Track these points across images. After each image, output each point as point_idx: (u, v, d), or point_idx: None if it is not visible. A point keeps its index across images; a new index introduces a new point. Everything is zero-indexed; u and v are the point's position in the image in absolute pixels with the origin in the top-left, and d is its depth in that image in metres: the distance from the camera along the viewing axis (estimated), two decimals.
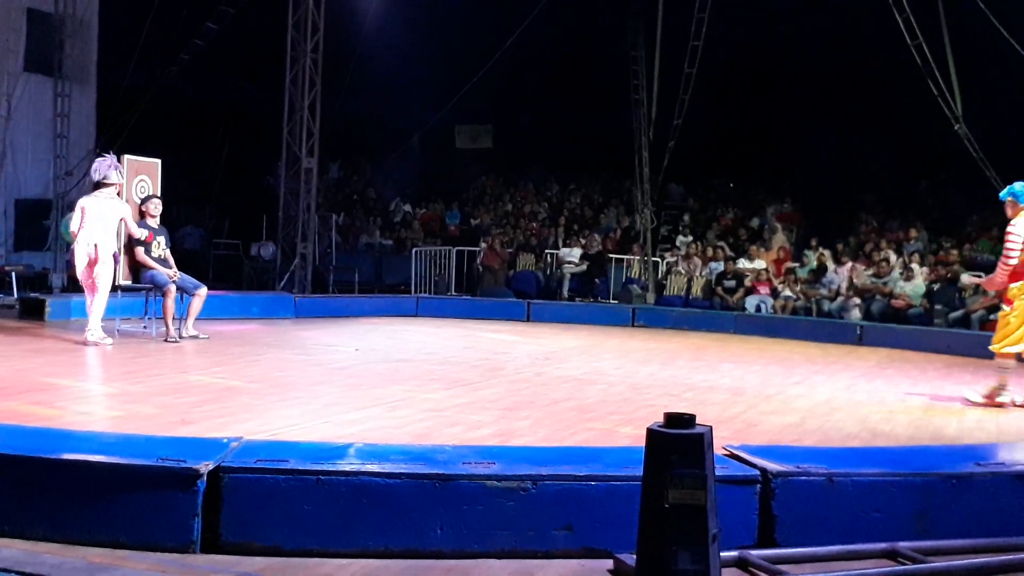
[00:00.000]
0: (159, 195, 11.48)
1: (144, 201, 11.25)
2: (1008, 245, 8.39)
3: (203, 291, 11.51)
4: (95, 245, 10.33)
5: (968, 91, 15.56)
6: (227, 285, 16.96)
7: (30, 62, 17.24)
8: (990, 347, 8.64)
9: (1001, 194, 8.72)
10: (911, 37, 15.23)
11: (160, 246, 11.18)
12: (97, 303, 10.42)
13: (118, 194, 10.75)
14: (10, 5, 16.83)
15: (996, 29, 14.40)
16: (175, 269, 11.27)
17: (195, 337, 11.25)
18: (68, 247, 12.89)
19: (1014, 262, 8.34)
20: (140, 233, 10.89)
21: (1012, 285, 8.43)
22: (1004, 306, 8.58)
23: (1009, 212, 8.61)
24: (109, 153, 10.97)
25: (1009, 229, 8.43)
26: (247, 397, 7.56)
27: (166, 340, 10.95)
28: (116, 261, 10.68)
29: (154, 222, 11.25)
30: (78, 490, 4.15)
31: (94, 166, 10.83)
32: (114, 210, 10.54)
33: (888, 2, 15.13)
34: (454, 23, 21.72)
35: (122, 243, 10.94)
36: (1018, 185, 8.59)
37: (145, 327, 11.37)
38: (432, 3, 20.43)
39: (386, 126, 23.73)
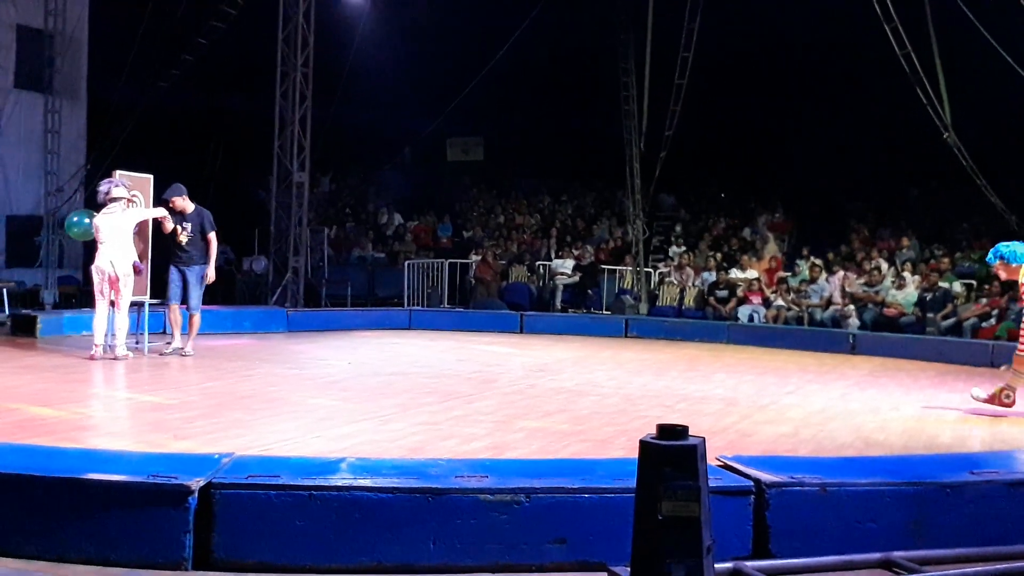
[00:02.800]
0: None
1: (170, 198, 11.34)
2: None
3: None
4: (110, 262, 10.45)
5: (957, 100, 15.62)
6: (219, 300, 16.91)
7: (20, 79, 17.24)
8: None
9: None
10: (900, 46, 15.28)
11: (186, 231, 11.24)
12: (121, 320, 10.61)
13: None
14: (0, 22, 16.82)
15: (985, 38, 14.46)
16: (212, 269, 11.40)
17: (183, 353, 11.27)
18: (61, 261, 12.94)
19: None
20: (160, 212, 11.08)
21: None
22: None
23: (1003, 274, 8.55)
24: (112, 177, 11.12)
25: None
26: (239, 412, 7.54)
27: (172, 351, 11.11)
28: (138, 272, 10.77)
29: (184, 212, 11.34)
30: (69, 508, 4.12)
31: (100, 188, 10.88)
32: (126, 221, 10.65)
33: (877, 12, 15.19)
34: (445, 36, 21.77)
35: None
36: (1001, 247, 8.48)
37: (137, 343, 11.34)
38: (423, 16, 20.47)
39: (377, 139, 23.76)
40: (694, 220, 22.17)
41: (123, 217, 10.62)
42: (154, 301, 11.64)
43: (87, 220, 11.00)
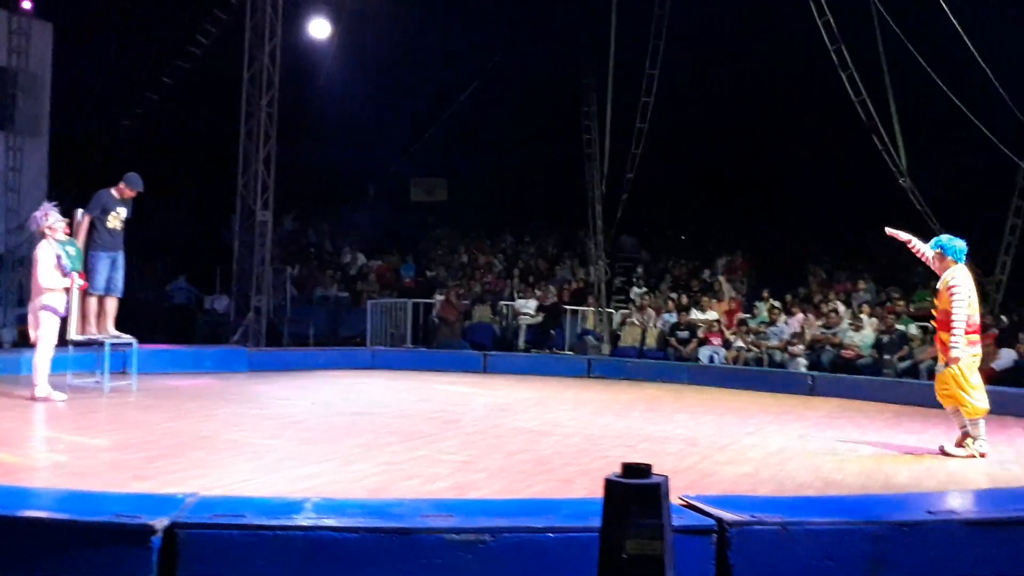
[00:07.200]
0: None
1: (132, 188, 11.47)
2: (955, 305, 8.46)
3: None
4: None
5: (912, 145, 15.97)
6: (180, 338, 16.78)
7: None
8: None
9: (931, 243, 8.93)
10: (855, 93, 15.63)
11: (119, 217, 11.41)
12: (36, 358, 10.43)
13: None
14: None
15: (939, 85, 14.84)
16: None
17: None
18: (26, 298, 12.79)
19: (964, 322, 8.45)
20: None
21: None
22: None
23: (937, 265, 8.84)
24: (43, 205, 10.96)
25: (952, 290, 8.49)
26: (201, 452, 7.49)
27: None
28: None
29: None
30: (31, 548, 4.08)
31: (33, 218, 10.74)
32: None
33: (833, 59, 15.54)
34: (409, 77, 21.93)
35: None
36: (945, 238, 8.84)
37: (97, 381, 11.22)
38: (387, 58, 20.60)
39: (341, 178, 23.79)
40: (655, 261, 22.38)
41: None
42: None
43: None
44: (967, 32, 14.11)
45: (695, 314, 17.65)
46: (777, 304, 17.17)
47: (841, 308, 16.60)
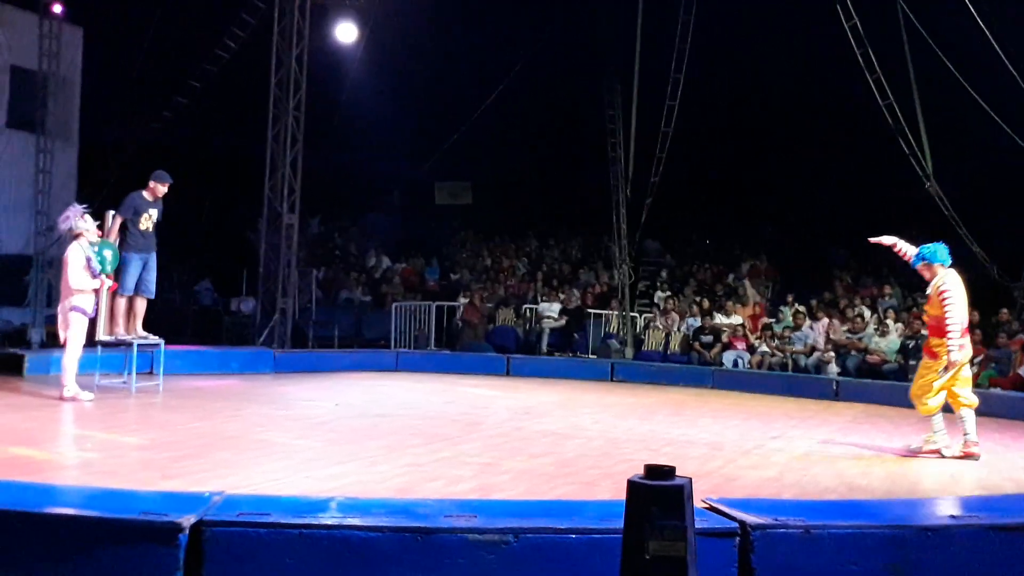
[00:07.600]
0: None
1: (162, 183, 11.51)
2: (948, 309, 8.45)
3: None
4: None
5: (938, 150, 15.87)
6: (206, 340, 16.91)
7: (13, 119, 17.34)
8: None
9: (912, 263, 8.98)
10: (882, 97, 15.55)
11: (151, 218, 11.44)
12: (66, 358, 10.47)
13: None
14: None
15: (966, 89, 14.74)
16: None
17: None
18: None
19: (960, 325, 8.44)
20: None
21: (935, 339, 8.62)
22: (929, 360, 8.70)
23: (927, 275, 8.89)
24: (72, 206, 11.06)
25: (944, 295, 8.50)
26: (227, 452, 7.55)
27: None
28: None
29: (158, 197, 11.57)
30: (59, 545, 4.13)
31: (64, 219, 10.82)
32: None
33: (860, 63, 15.48)
34: (435, 82, 22.02)
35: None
36: (926, 249, 8.88)
37: (124, 381, 11.33)
38: (413, 62, 20.71)
39: (367, 182, 23.90)
40: (679, 266, 22.33)
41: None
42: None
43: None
44: (991, 32, 14.01)
45: (719, 318, 17.61)
46: (802, 309, 17.09)
47: (867, 313, 16.51)
